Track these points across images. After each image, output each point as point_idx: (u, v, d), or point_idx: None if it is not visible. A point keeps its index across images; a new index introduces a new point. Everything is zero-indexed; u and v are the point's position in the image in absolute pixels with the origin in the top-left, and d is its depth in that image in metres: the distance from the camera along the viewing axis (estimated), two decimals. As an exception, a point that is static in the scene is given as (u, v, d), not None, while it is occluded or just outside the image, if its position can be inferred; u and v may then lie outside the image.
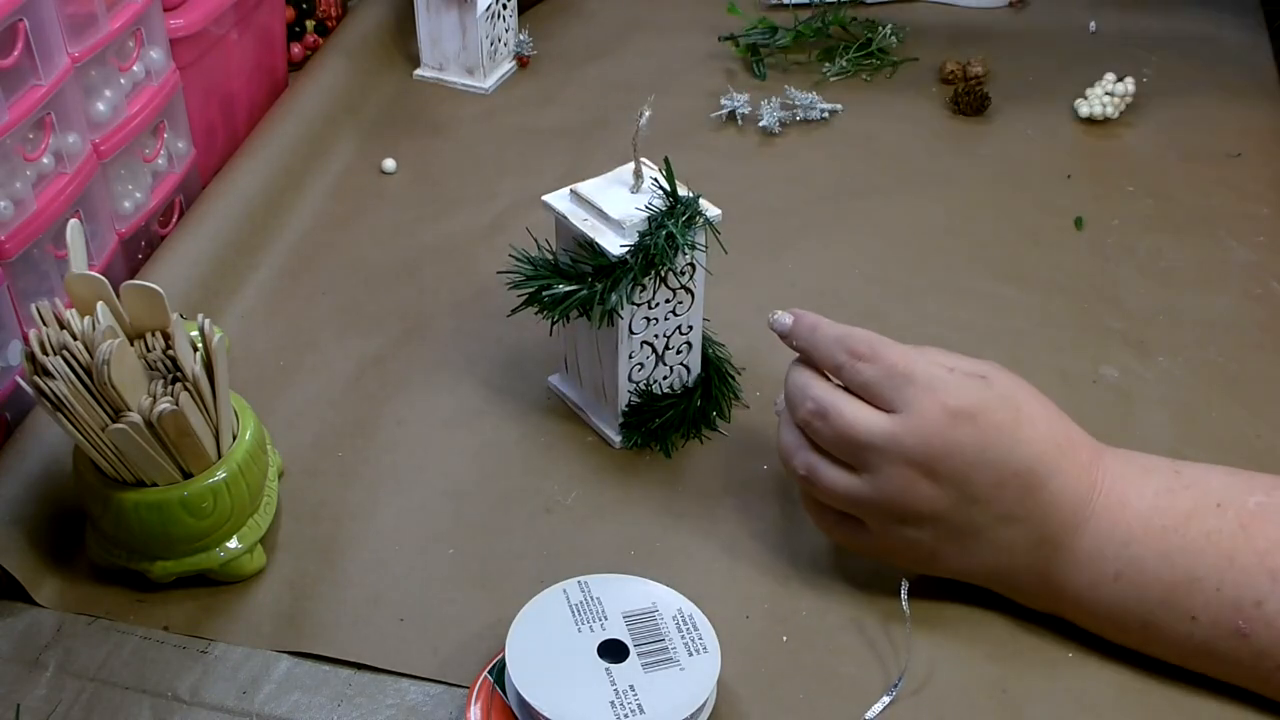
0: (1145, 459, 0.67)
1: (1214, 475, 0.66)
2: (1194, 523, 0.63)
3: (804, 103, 1.10)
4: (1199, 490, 0.65)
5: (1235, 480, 0.65)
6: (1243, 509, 0.63)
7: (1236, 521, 0.63)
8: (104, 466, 0.68)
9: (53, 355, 0.65)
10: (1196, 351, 0.88)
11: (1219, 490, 0.65)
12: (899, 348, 0.66)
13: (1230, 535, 0.63)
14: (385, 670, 0.68)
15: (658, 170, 0.75)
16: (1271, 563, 0.62)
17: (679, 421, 0.80)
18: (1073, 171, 1.06)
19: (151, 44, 0.91)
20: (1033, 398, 0.66)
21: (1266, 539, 0.62)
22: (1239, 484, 0.65)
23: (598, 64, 1.21)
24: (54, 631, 0.71)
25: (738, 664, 0.68)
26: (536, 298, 0.76)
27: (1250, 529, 0.63)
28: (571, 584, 0.67)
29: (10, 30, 0.75)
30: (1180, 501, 0.64)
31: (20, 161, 0.78)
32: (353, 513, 0.77)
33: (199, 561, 0.71)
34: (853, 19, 1.24)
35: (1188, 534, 0.63)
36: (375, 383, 0.86)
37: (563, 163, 1.07)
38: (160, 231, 0.96)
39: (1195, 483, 0.65)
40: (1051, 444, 0.64)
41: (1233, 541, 0.63)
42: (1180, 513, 0.64)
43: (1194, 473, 0.66)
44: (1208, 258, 0.96)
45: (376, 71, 1.18)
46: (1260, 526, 0.63)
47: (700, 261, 0.76)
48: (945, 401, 0.63)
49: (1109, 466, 0.66)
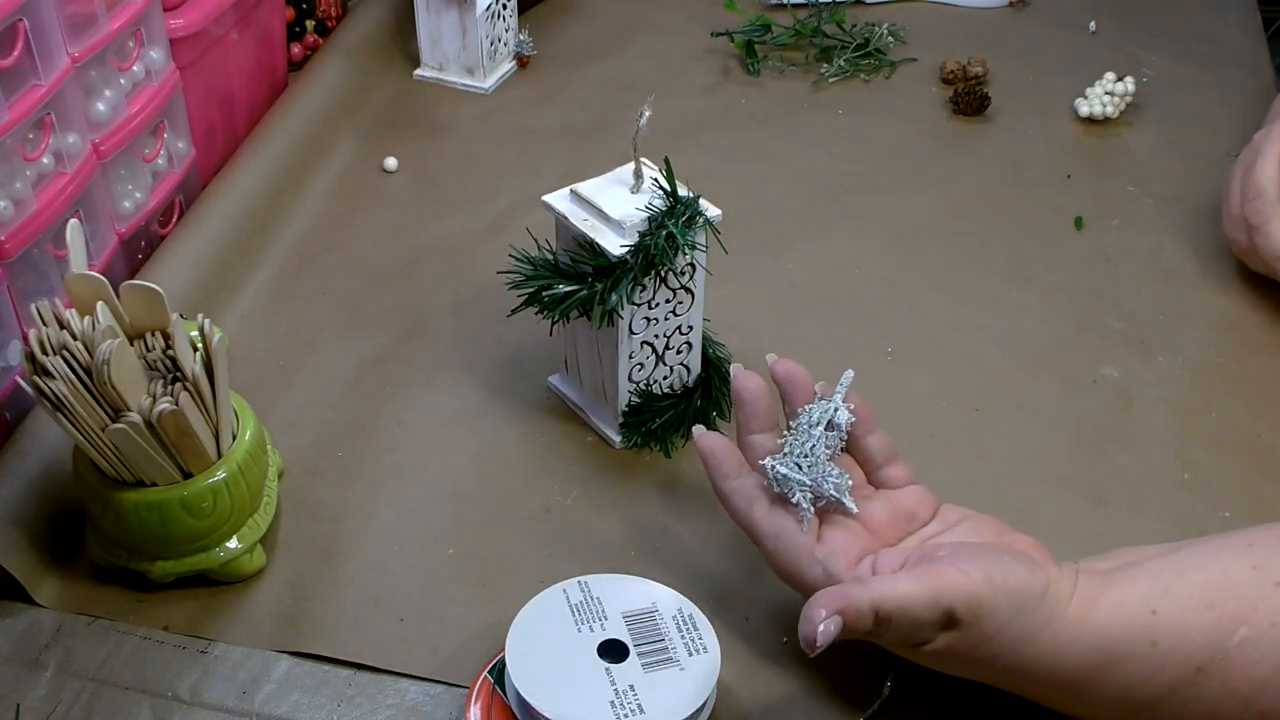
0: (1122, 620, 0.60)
1: (1192, 626, 0.59)
2: (1175, 696, 0.59)
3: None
4: (1180, 656, 0.59)
5: (1219, 616, 0.59)
6: (1225, 661, 0.58)
7: (1219, 680, 0.58)
8: (104, 466, 0.68)
9: (53, 355, 0.65)
10: (1196, 351, 0.88)
11: (1199, 649, 0.59)
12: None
13: (1211, 697, 0.59)
14: (385, 670, 0.68)
15: (658, 170, 0.75)
16: (1260, 705, 0.59)
17: (679, 421, 0.80)
18: (1073, 171, 1.06)
19: (151, 44, 0.91)
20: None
21: (1250, 683, 0.58)
22: (1223, 620, 0.59)
23: (598, 64, 1.21)
24: (54, 631, 0.71)
25: (738, 664, 0.68)
26: (536, 298, 0.76)
27: (1233, 682, 0.58)
28: (571, 584, 0.67)
29: (10, 30, 0.75)
30: (1159, 680, 0.59)
31: (20, 161, 0.78)
32: (353, 513, 0.77)
33: (199, 561, 0.71)
34: (852, 23, 1.24)
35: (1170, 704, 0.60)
36: (375, 383, 0.86)
37: (563, 163, 1.07)
38: (160, 231, 0.96)
39: (1175, 647, 0.59)
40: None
41: (1214, 703, 0.59)
42: (1160, 690, 0.60)
43: (1171, 628, 0.59)
44: (1208, 258, 0.96)
45: (376, 71, 1.18)
46: (1244, 672, 0.58)
47: (700, 261, 0.76)
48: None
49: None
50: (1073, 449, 0.81)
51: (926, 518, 0.68)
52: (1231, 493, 0.78)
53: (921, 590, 0.59)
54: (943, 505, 0.68)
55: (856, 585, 0.60)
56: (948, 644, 0.61)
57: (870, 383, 0.86)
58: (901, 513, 0.67)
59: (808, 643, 0.58)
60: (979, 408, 0.84)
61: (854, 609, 0.58)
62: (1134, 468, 0.80)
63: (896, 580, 0.60)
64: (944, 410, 0.84)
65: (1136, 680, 0.60)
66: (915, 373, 0.87)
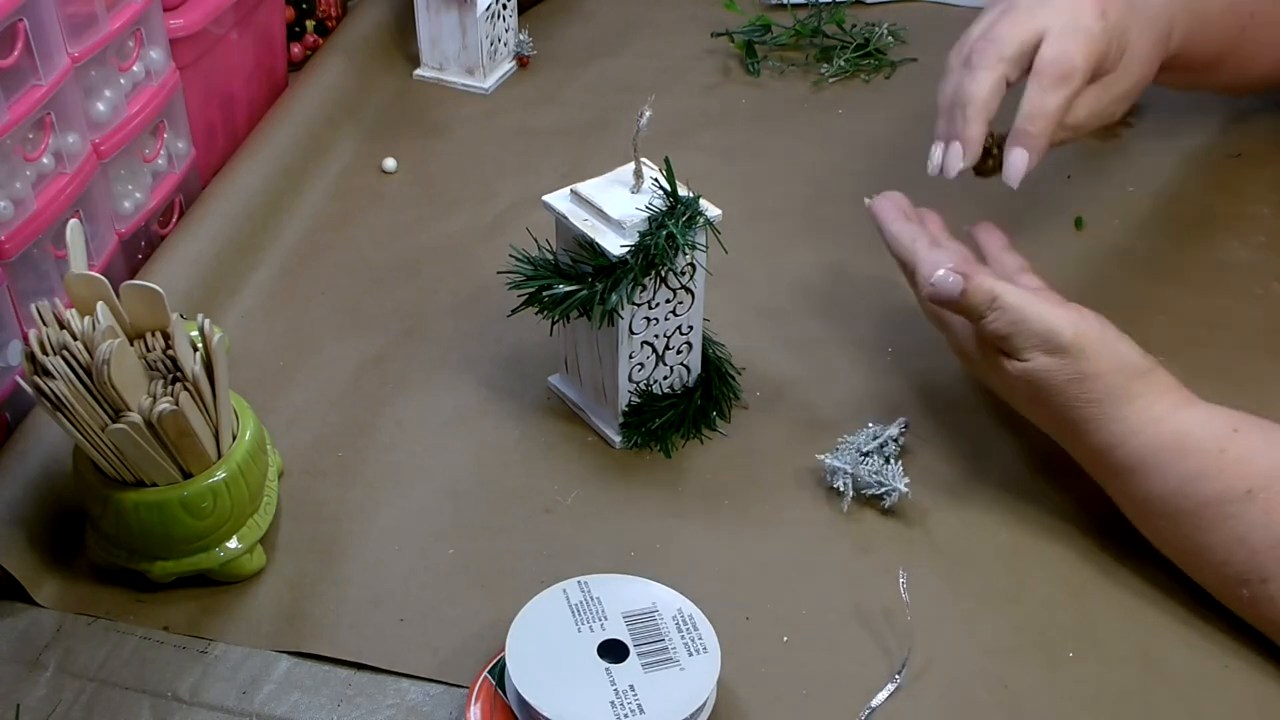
0: (1207, 424, 0.68)
1: (1261, 454, 0.66)
2: (1216, 508, 0.66)
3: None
4: (1240, 469, 0.66)
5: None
6: (1273, 490, 0.65)
7: (1262, 508, 0.65)
8: (104, 466, 0.68)
9: (53, 355, 0.65)
10: (1196, 351, 0.88)
11: (1260, 472, 0.66)
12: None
13: (1249, 522, 0.65)
14: (385, 670, 0.68)
15: (658, 170, 0.75)
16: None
17: (679, 421, 0.80)
18: (1073, 171, 1.06)
19: (151, 44, 0.91)
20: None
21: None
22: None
23: (598, 64, 1.21)
24: (54, 631, 0.71)
25: (738, 664, 0.68)
26: (536, 298, 0.76)
27: (1273, 513, 0.64)
28: (571, 584, 0.67)
29: (10, 30, 0.75)
30: (1211, 485, 0.66)
31: (20, 161, 0.78)
32: (353, 513, 0.77)
33: (199, 561, 0.71)
34: (852, 23, 1.24)
35: (1208, 513, 0.66)
36: (375, 383, 0.86)
37: (563, 163, 1.07)
38: (160, 231, 0.96)
39: (1239, 461, 0.66)
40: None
41: (1248, 528, 0.65)
42: (1207, 495, 0.66)
43: (1243, 446, 0.67)
44: (1208, 258, 0.96)
45: (376, 71, 1.18)
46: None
47: (700, 261, 0.76)
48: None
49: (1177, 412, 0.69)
50: (1073, 449, 0.81)
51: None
52: (1231, 493, 0.78)
53: (1039, 305, 0.68)
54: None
55: (988, 272, 0.69)
56: (1045, 368, 0.68)
57: (870, 383, 0.86)
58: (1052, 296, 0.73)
59: (925, 279, 0.69)
60: (979, 408, 0.84)
61: (976, 284, 0.68)
62: (1134, 468, 0.80)
63: (1022, 289, 0.69)
64: (944, 411, 0.84)
65: (1194, 475, 0.66)
66: (915, 373, 0.87)
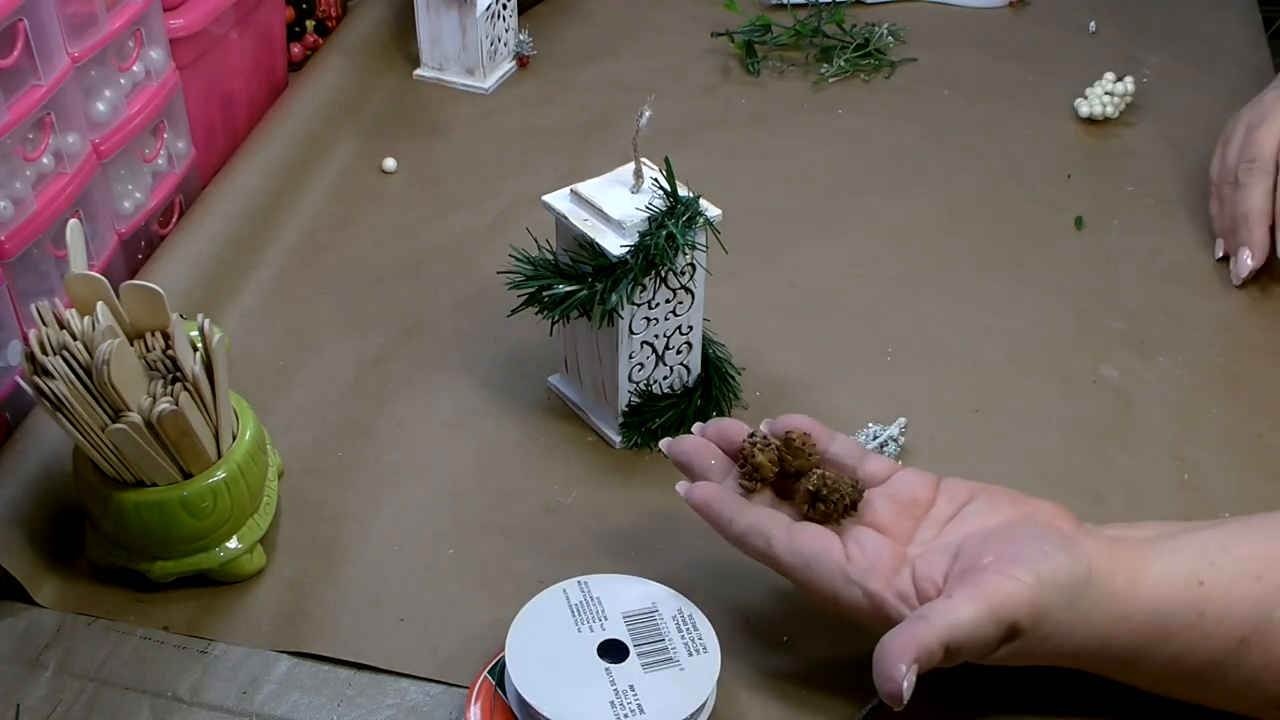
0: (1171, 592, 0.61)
1: (1238, 598, 0.60)
2: (1216, 667, 0.61)
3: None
4: (1225, 627, 0.60)
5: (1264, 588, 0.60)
6: (1267, 633, 0.60)
7: (1260, 650, 0.60)
8: (104, 466, 0.68)
9: (52, 355, 0.65)
10: (1196, 351, 0.88)
11: (1244, 620, 0.60)
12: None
13: (1251, 666, 0.60)
14: (385, 670, 0.68)
15: (658, 170, 0.75)
16: None
17: (679, 421, 0.80)
18: (1073, 171, 1.06)
19: (151, 44, 0.91)
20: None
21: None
22: (1268, 592, 0.60)
23: (598, 64, 1.21)
24: (54, 631, 0.71)
25: (738, 664, 0.68)
26: (536, 298, 0.76)
27: (1272, 651, 0.60)
28: (571, 584, 0.67)
29: (10, 30, 0.75)
30: (1204, 651, 0.61)
31: (20, 161, 0.78)
32: (353, 513, 0.77)
33: (199, 561, 0.71)
34: (852, 23, 1.24)
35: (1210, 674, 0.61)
36: (375, 383, 0.86)
37: (563, 163, 1.07)
38: (160, 231, 0.96)
39: (1221, 619, 0.60)
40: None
41: (1253, 672, 0.60)
42: (1203, 660, 0.61)
43: (1218, 600, 0.60)
44: (1208, 258, 0.96)
45: (376, 71, 1.18)
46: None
47: (700, 261, 0.76)
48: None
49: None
50: (1072, 449, 0.81)
51: (930, 498, 0.66)
52: (1231, 493, 0.78)
53: (982, 611, 0.58)
54: (943, 481, 0.67)
55: (920, 624, 0.58)
56: (1010, 652, 0.60)
57: (870, 383, 0.86)
58: (902, 502, 0.66)
59: (894, 699, 0.57)
60: (979, 408, 0.84)
61: (926, 653, 0.58)
62: (1134, 468, 0.80)
63: (955, 607, 0.58)
64: (944, 411, 0.84)
65: (1183, 651, 0.61)
66: (915, 373, 0.87)
